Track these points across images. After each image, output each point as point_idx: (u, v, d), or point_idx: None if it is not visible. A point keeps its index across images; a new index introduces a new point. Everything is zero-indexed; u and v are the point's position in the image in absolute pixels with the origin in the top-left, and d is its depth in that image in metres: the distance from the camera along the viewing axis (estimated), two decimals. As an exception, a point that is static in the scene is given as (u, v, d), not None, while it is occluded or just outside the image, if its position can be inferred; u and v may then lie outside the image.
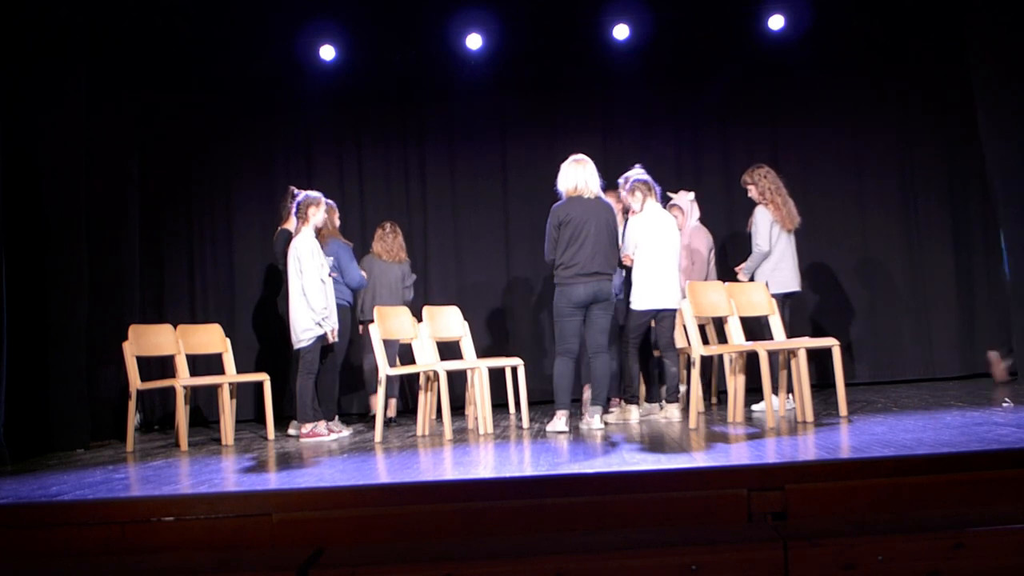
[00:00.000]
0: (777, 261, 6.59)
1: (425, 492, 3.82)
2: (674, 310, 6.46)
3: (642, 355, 6.75)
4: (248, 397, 8.31)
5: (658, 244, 6.42)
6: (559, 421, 5.94)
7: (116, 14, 7.39)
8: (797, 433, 4.99)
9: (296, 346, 6.43)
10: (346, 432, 6.58)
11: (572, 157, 6.17)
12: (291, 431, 6.74)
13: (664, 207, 6.79)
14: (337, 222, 7.10)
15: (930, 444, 4.10)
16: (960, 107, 8.18)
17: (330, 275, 6.55)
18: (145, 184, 8.23)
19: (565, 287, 6.01)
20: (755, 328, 6.34)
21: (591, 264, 5.95)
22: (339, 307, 6.64)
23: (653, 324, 6.62)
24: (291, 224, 6.70)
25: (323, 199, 6.60)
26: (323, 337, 6.40)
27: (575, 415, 6.30)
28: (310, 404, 6.36)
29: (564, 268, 6.00)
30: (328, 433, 6.34)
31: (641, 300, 6.41)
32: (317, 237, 6.54)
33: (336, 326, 6.49)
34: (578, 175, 6.06)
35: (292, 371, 6.86)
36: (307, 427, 6.31)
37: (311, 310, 6.33)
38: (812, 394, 5.61)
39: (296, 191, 6.74)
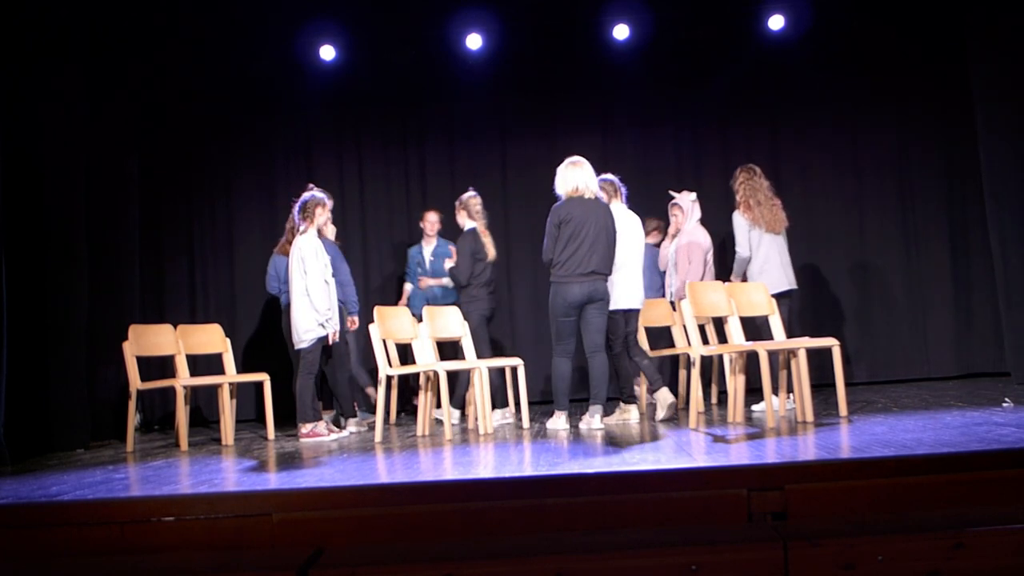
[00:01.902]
0: (762, 263, 6.57)
1: (425, 492, 3.82)
2: (638, 310, 6.45)
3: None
4: (248, 397, 8.31)
5: (623, 245, 6.31)
6: (559, 419, 5.96)
7: (116, 14, 7.39)
8: (797, 433, 4.98)
9: (297, 346, 6.42)
10: (346, 432, 6.58)
11: (568, 160, 6.16)
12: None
13: (667, 206, 6.75)
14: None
15: (930, 444, 4.09)
16: (960, 107, 8.19)
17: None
18: (145, 184, 8.23)
19: (560, 286, 6.00)
20: (754, 328, 6.33)
21: (587, 264, 5.94)
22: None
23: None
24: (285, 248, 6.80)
25: (328, 201, 6.58)
26: (323, 338, 6.40)
27: (574, 415, 6.29)
28: (310, 404, 6.36)
29: (560, 267, 5.99)
30: (328, 433, 6.34)
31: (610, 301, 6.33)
32: None
33: (338, 327, 6.49)
34: (577, 176, 6.06)
35: (293, 371, 6.86)
36: (307, 427, 6.30)
37: (315, 311, 6.32)
38: (812, 394, 5.61)
39: (312, 188, 6.68)
